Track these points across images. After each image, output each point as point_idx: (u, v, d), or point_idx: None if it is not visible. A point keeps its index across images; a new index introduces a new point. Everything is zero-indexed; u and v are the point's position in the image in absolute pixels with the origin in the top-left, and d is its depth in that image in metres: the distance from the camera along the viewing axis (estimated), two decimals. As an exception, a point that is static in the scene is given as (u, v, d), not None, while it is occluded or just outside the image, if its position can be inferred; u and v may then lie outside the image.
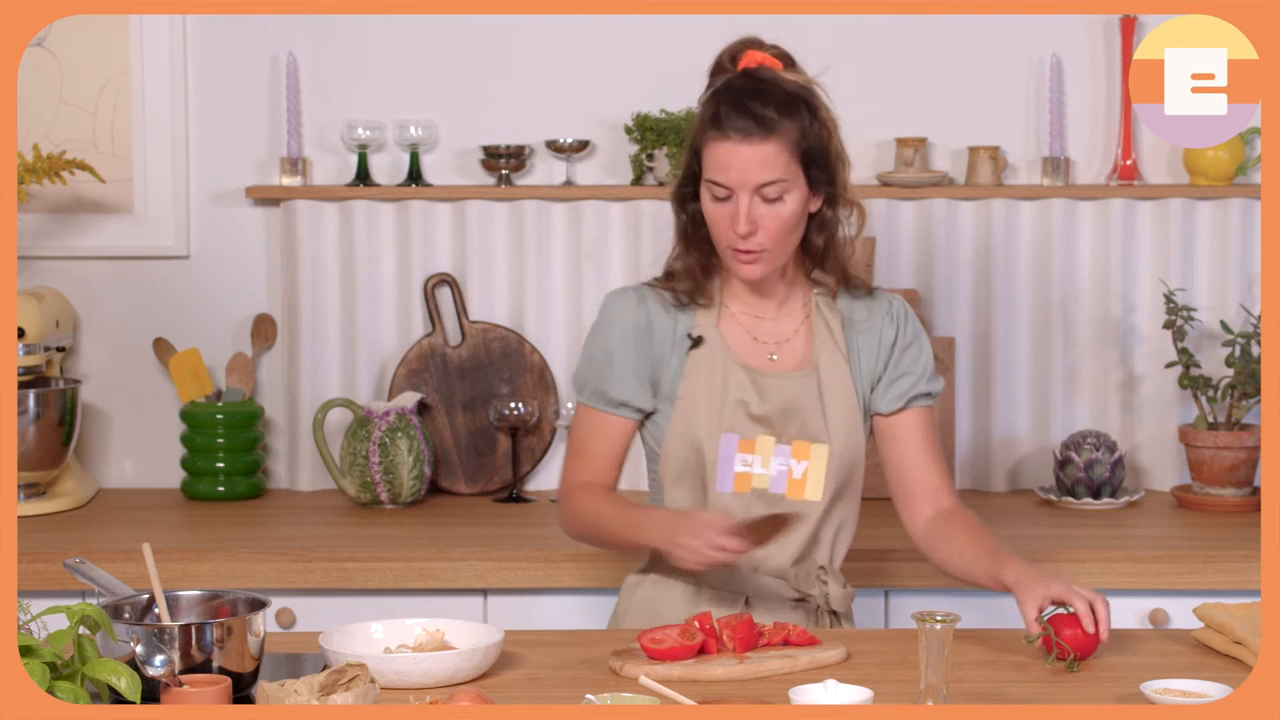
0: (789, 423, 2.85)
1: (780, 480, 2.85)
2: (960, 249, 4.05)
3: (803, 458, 2.84)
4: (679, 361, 2.87)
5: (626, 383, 2.88)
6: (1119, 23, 4.03)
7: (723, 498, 2.85)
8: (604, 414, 2.89)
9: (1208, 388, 3.87)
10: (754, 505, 2.84)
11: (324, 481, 4.09)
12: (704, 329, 2.88)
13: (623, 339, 2.88)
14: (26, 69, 3.96)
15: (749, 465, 2.85)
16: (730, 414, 2.85)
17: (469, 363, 4.07)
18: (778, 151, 2.75)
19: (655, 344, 2.88)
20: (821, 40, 4.03)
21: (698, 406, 2.85)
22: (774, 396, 2.85)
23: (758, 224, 2.76)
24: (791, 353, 2.88)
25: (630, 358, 2.87)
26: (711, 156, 2.77)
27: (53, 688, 2.20)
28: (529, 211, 4.06)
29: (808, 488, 2.84)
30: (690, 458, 2.86)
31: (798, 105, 2.77)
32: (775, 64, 2.83)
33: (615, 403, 2.88)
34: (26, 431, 3.79)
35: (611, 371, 2.88)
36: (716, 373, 2.86)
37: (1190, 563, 3.45)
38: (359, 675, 2.30)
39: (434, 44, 4.09)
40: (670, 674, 2.49)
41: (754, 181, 2.74)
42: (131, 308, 4.12)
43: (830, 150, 2.81)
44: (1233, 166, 4.00)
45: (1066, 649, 2.57)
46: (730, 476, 2.85)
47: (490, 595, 3.50)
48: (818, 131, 2.79)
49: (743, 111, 2.75)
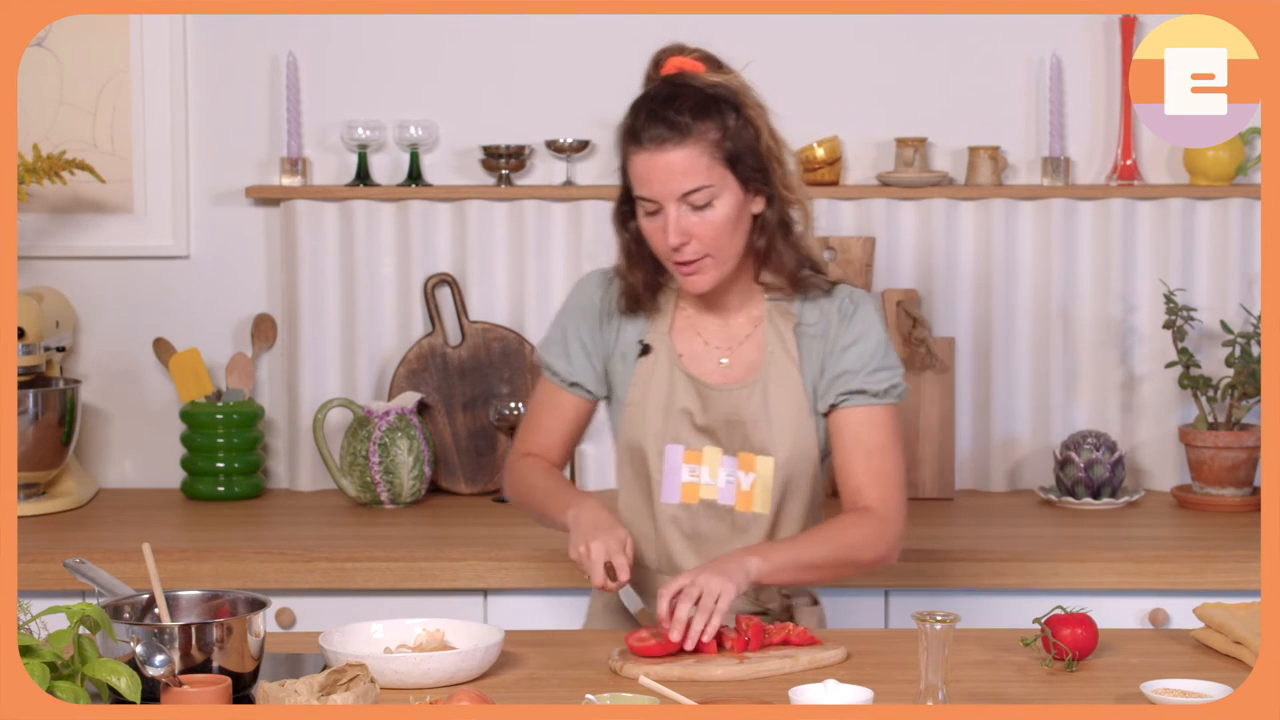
0: (733, 434, 2.81)
1: (729, 492, 2.81)
2: (960, 249, 4.05)
3: (749, 470, 2.81)
4: (630, 365, 2.85)
5: (580, 365, 2.88)
6: (1119, 23, 4.03)
7: (669, 508, 2.82)
8: (559, 389, 2.90)
9: (1208, 388, 3.87)
10: (703, 516, 2.82)
11: (324, 481, 4.09)
12: (654, 337, 2.85)
13: (580, 320, 2.88)
14: (26, 69, 3.96)
15: (696, 476, 2.81)
16: (675, 424, 2.82)
17: (469, 363, 4.07)
18: (695, 156, 2.67)
19: (612, 331, 2.86)
20: (821, 40, 4.06)
21: (645, 414, 2.83)
22: (717, 407, 2.81)
23: (689, 233, 2.70)
24: (743, 359, 2.84)
25: (586, 341, 2.87)
26: (634, 170, 2.71)
27: (53, 688, 2.20)
28: (529, 211, 4.06)
29: (755, 500, 2.81)
30: (638, 465, 2.85)
31: (715, 106, 2.70)
32: (697, 67, 2.76)
33: (569, 382, 2.89)
34: (26, 431, 3.79)
35: (568, 350, 2.88)
36: (663, 381, 2.83)
37: (1190, 563, 3.45)
38: (359, 675, 2.30)
39: (434, 44, 4.09)
40: (670, 674, 2.49)
41: (676, 190, 2.68)
42: (131, 308, 4.12)
43: (760, 148, 2.73)
44: (1233, 166, 4.00)
45: (1065, 649, 2.57)
46: (677, 487, 2.82)
47: (490, 595, 3.50)
48: (741, 130, 2.71)
49: (655, 119, 2.68)
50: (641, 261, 2.82)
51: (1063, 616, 2.60)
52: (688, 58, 2.77)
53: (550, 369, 2.90)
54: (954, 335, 4.04)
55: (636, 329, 2.86)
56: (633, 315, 2.86)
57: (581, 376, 2.88)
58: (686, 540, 2.82)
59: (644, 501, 2.85)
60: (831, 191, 4.02)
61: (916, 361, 3.95)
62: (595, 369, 2.88)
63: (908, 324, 3.95)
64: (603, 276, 2.90)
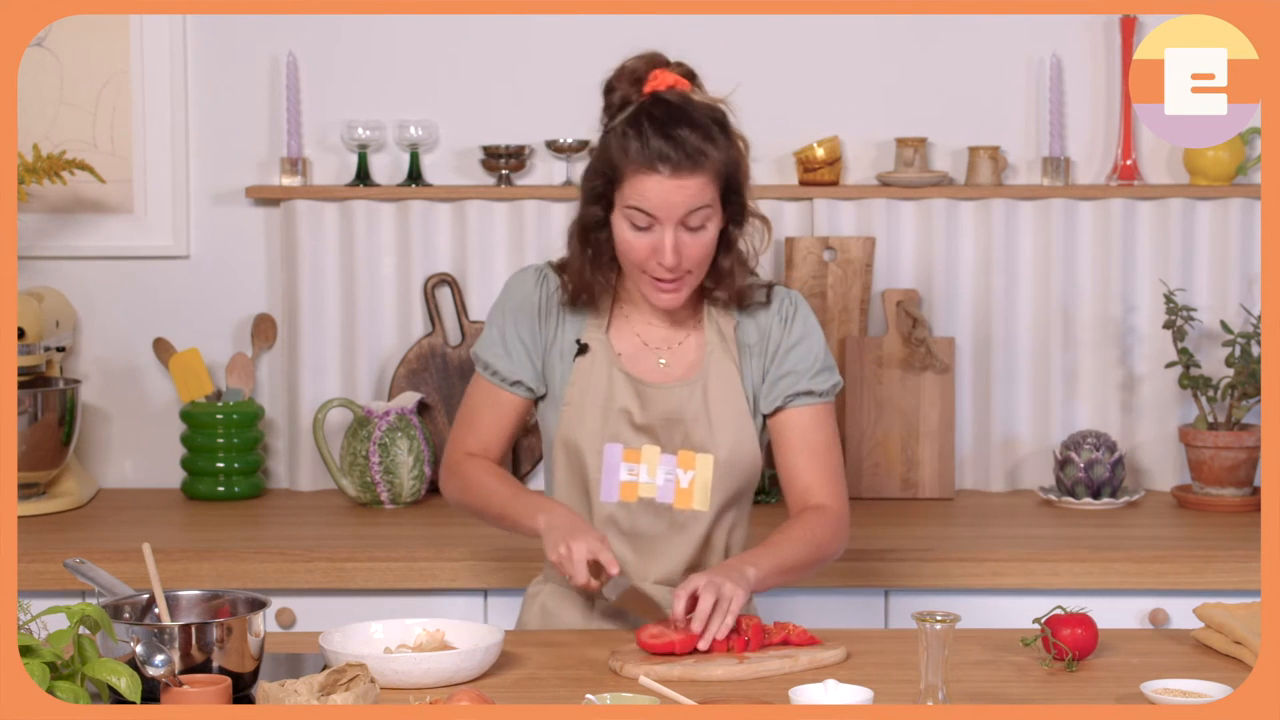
0: (673, 432, 2.82)
1: (668, 489, 2.82)
2: (960, 249, 4.05)
3: (688, 467, 2.81)
4: (567, 364, 2.85)
5: (521, 363, 2.86)
6: (1119, 23, 4.03)
7: (607, 506, 2.83)
8: (499, 388, 2.88)
9: (1208, 388, 3.87)
10: (641, 515, 2.82)
11: (324, 481, 4.09)
12: (592, 336, 2.85)
13: (518, 318, 2.86)
14: (26, 69, 3.96)
15: (635, 475, 2.82)
16: (614, 423, 2.82)
17: (469, 363, 4.07)
18: (705, 183, 2.70)
19: (550, 328, 2.86)
20: (821, 41, 4.06)
21: (584, 412, 2.83)
22: (656, 406, 2.82)
23: (680, 252, 2.72)
24: (681, 358, 2.85)
25: (525, 338, 2.86)
26: (639, 188, 2.70)
27: (53, 688, 2.20)
28: (529, 211, 4.06)
29: (695, 497, 2.82)
30: (575, 464, 2.85)
31: (719, 132, 2.72)
32: (684, 84, 2.76)
33: (509, 380, 2.87)
34: (26, 431, 3.79)
35: (506, 350, 2.86)
36: (601, 380, 2.83)
37: (1190, 563, 3.45)
38: (359, 675, 2.30)
39: (434, 44, 4.09)
40: (670, 674, 2.49)
41: (681, 213, 2.70)
42: (131, 308, 4.12)
43: (742, 171, 2.76)
44: (1233, 166, 4.00)
45: (1064, 649, 2.57)
46: (615, 486, 2.83)
47: (490, 595, 3.50)
48: (734, 156, 2.74)
49: (671, 142, 2.68)
50: (600, 266, 2.81)
51: (1063, 616, 2.60)
52: (672, 72, 2.77)
53: (490, 368, 2.88)
54: (954, 335, 4.04)
55: (574, 327, 2.86)
56: (574, 311, 2.85)
57: (523, 374, 2.87)
58: (625, 538, 2.83)
59: (580, 500, 2.85)
60: (831, 191, 4.02)
61: (916, 361, 3.95)
62: (535, 366, 2.87)
63: (908, 324, 3.95)
64: (537, 273, 2.89)
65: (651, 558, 2.82)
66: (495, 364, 2.87)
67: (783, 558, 2.75)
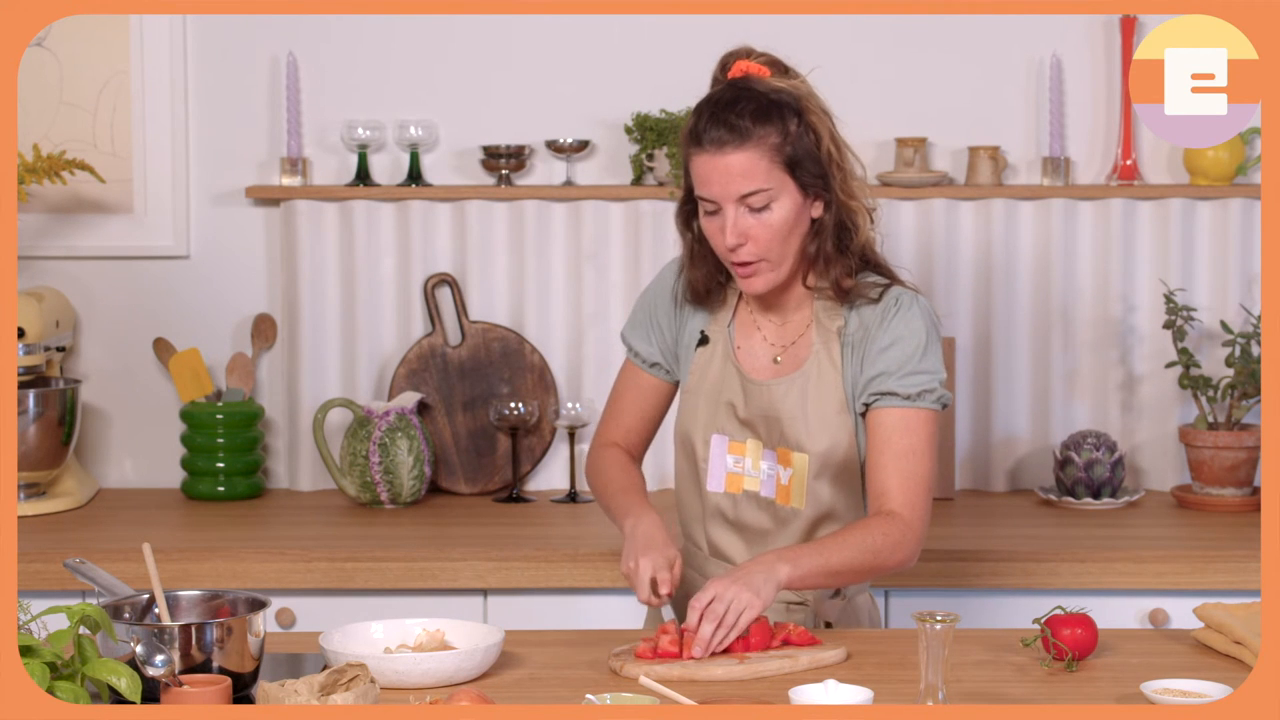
0: (771, 429, 2.84)
1: (770, 484, 2.84)
2: (960, 249, 4.05)
3: (787, 464, 2.83)
4: (690, 354, 2.91)
5: (660, 346, 2.95)
6: (1119, 23, 4.03)
7: (714, 496, 2.87)
8: (641, 370, 2.97)
9: (1208, 388, 3.87)
10: (746, 507, 2.85)
11: (324, 481, 4.09)
12: (715, 329, 2.90)
13: (657, 304, 2.95)
14: (26, 69, 3.96)
15: (740, 467, 2.86)
16: (721, 414, 2.87)
17: (469, 363, 4.07)
18: (755, 160, 2.70)
19: (683, 317, 2.92)
20: (821, 40, 4.06)
21: (697, 402, 2.88)
22: (756, 401, 2.84)
23: (746, 235, 2.73)
24: (794, 355, 2.87)
25: (663, 323, 2.94)
26: (695, 171, 2.75)
27: (53, 688, 2.20)
28: (529, 211, 4.06)
29: (793, 494, 2.83)
30: (689, 452, 2.90)
31: (777, 111, 2.72)
32: (763, 72, 2.79)
33: (649, 363, 2.95)
34: (26, 431, 3.79)
35: (649, 332, 2.95)
36: (716, 372, 2.88)
37: (1190, 563, 3.45)
38: (359, 675, 2.30)
39: (434, 44, 4.09)
40: (670, 674, 2.49)
41: (735, 192, 2.71)
42: (131, 308, 4.12)
43: (821, 154, 2.75)
44: (1233, 166, 4.00)
45: (1064, 649, 2.57)
46: (722, 476, 2.87)
47: (490, 595, 3.50)
48: (803, 136, 2.73)
49: (717, 122, 2.71)
50: (703, 259, 2.87)
51: (1063, 616, 2.60)
52: (754, 61, 2.80)
53: (633, 349, 2.97)
54: (954, 335, 4.04)
55: (700, 319, 2.92)
56: (696, 308, 2.91)
57: (661, 357, 2.95)
58: (732, 529, 2.87)
59: (693, 489, 2.91)
60: (831, 191, 4.02)
61: (916, 361, 3.95)
62: (671, 351, 2.95)
63: (908, 324, 3.95)
64: (678, 263, 2.96)
65: (760, 549, 2.82)
66: (637, 345, 2.97)
67: (829, 559, 2.70)
